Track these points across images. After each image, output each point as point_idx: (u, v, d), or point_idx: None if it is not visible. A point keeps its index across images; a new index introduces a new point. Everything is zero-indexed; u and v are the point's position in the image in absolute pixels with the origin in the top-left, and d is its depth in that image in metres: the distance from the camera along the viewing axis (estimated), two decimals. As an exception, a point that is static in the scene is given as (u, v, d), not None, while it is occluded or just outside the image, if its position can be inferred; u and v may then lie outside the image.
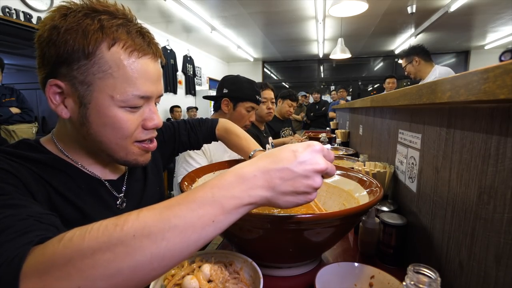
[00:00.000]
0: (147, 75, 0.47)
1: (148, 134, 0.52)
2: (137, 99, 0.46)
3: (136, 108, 0.48)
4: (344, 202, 0.69)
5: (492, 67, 0.30)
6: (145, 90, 0.47)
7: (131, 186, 0.61)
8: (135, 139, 0.50)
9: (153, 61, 0.49)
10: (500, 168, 0.36)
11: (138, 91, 0.46)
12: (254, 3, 3.58)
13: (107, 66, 0.43)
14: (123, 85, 0.44)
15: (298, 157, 0.34)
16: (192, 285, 0.41)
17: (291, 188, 0.34)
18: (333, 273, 0.52)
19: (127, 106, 0.46)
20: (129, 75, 0.45)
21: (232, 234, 0.53)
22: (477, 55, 6.42)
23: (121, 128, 0.47)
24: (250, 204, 0.34)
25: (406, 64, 2.31)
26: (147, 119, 0.50)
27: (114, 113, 0.46)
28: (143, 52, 0.46)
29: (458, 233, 0.46)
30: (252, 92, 1.28)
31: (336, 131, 2.42)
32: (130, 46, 0.45)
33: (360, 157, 1.13)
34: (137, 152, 0.52)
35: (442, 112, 0.52)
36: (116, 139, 0.48)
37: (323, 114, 4.93)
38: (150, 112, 0.50)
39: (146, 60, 0.47)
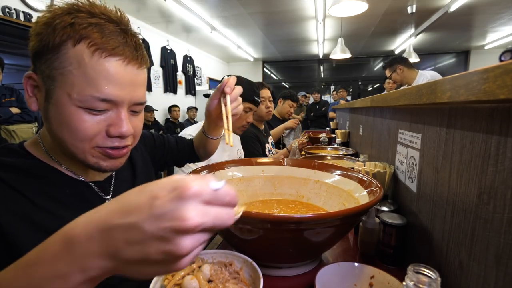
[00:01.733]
0: (112, 78, 0.43)
1: (113, 141, 0.47)
2: (97, 101, 0.43)
3: (97, 111, 0.44)
4: (344, 202, 0.69)
5: (492, 67, 0.30)
6: (108, 93, 0.43)
7: (118, 187, 0.59)
8: (95, 145, 0.46)
9: (125, 64, 0.45)
10: (500, 168, 0.36)
11: (98, 93, 0.43)
12: (254, 3, 3.58)
13: (68, 62, 0.42)
14: (82, 84, 0.42)
15: (154, 207, 0.23)
16: (192, 285, 0.41)
17: (140, 255, 0.23)
18: (333, 273, 0.52)
19: (85, 107, 0.43)
20: (88, 75, 0.42)
21: (232, 234, 0.53)
22: (477, 55, 6.42)
23: (76, 130, 0.44)
24: (87, 281, 0.25)
25: (390, 74, 2.48)
26: (112, 125, 0.46)
27: (70, 112, 0.43)
28: (110, 53, 0.43)
29: (458, 233, 0.46)
30: (251, 93, 1.28)
31: (336, 131, 2.42)
32: (96, 44, 0.42)
33: (360, 157, 1.13)
34: (98, 155, 0.48)
35: (442, 112, 0.52)
36: (71, 140, 0.45)
37: (323, 114, 4.93)
38: (117, 118, 0.46)
39: (113, 62, 0.43)
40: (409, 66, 2.41)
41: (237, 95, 0.65)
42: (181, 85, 5.45)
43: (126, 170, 0.64)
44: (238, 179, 0.81)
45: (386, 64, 2.53)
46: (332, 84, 7.77)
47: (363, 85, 7.70)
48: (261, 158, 0.89)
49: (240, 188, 0.80)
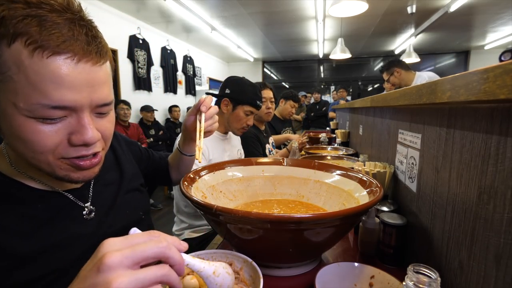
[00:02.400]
0: (61, 80, 0.36)
1: (78, 151, 0.42)
2: (49, 109, 0.37)
3: (52, 120, 0.38)
4: (344, 202, 0.69)
5: (492, 67, 0.30)
6: (59, 99, 0.37)
7: (100, 191, 0.55)
8: (59, 156, 0.41)
9: (74, 62, 0.37)
10: (500, 168, 0.36)
11: (47, 100, 0.36)
12: (254, 3, 3.58)
13: (5, 67, 0.35)
14: (26, 91, 0.35)
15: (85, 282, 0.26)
16: (192, 285, 0.41)
17: None
18: (333, 273, 0.52)
19: (36, 117, 0.37)
20: (31, 79, 0.35)
21: (232, 234, 0.53)
22: (477, 55, 6.42)
23: (30, 142, 0.38)
24: None
25: (388, 77, 2.49)
26: (73, 133, 0.40)
27: (20, 124, 0.37)
28: (54, 51, 0.35)
29: (458, 233, 0.46)
30: (254, 96, 1.28)
31: (336, 131, 2.42)
32: (34, 42, 0.34)
33: (360, 157, 1.13)
34: (66, 168, 0.43)
35: (442, 112, 0.52)
36: (30, 153, 0.39)
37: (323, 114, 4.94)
38: (78, 125, 0.40)
39: (60, 61, 0.36)
40: (406, 68, 2.42)
41: (213, 114, 0.66)
42: (181, 85, 5.45)
43: (110, 172, 0.61)
44: (238, 179, 0.81)
45: (383, 67, 2.55)
46: (332, 84, 7.77)
47: (363, 85, 7.70)
48: (261, 158, 0.89)
49: (240, 188, 0.80)
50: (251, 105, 1.28)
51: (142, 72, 4.19)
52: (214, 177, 0.75)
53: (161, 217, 3.18)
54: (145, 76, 4.25)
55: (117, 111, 3.33)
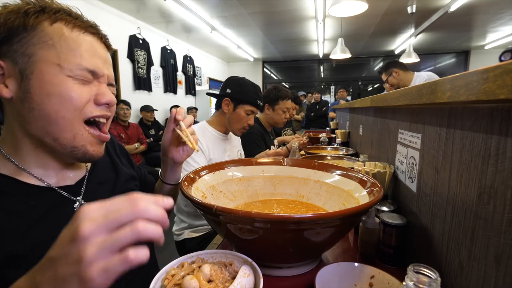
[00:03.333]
0: (94, 51, 0.48)
1: (101, 110, 0.50)
2: (85, 71, 0.47)
3: (85, 81, 0.47)
4: (344, 202, 0.69)
5: (492, 67, 0.30)
6: (94, 63, 0.47)
7: (92, 189, 0.56)
8: (85, 116, 0.48)
9: (99, 42, 0.50)
10: (500, 168, 0.36)
11: (86, 63, 0.46)
12: (254, 3, 3.58)
13: (48, 37, 0.44)
14: (68, 56, 0.45)
15: (56, 253, 0.28)
16: (192, 285, 0.41)
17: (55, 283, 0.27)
18: (333, 273, 0.52)
19: (74, 76, 0.46)
20: (72, 47, 0.45)
21: (232, 234, 0.53)
22: (477, 55, 6.42)
23: (68, 97, 0.45)
24: None
25: (387, 77, 2.49)
26: (99, 95, 0.49)
27: (60, 81, 0.45)
28: (86, 30, 0.48)
29: (458, 233, 0.46)
30: (255, 96, 1.28)
31: (336, 131, 2.42)
32: (71, 23, 0.46)
33: (360, 157, 1.13)
34: (86, 137, 0.49)
35: (442, 112, 0.52)
36: (63, 110, 0.45)
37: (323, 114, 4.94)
38: (101, 89, 0.50)
39: (90, 37, 0.49)
40: (405, 68, 2.42)
41: (190, 122, 0.63)
42: (181, 85, 5.44)
43: (105, 171, 0.62)
44: (238, 179, 0.81)
45: (382, 68, 2.55)
46: (332, 84, 7.77)
47: (363, 85, 7.70)
48: (261, 158, 0.89)
49: (240, 188, 0.80)
50: (252, 105, 1.27)
51: (142, 72, 4.19)
52: (214, 177, 0.75)
53: (161, 217, 3.17)
54: (145, 76, 4.25)
55: (117, 111, 3.33)
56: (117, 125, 3.34)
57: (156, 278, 0.43)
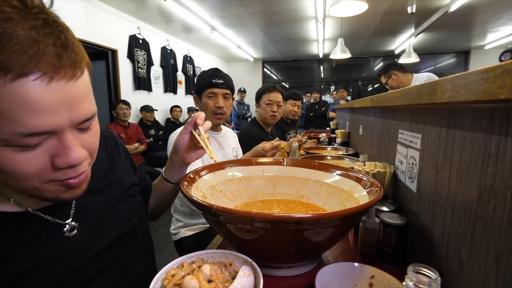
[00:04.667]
0: (32, 106, 0.31)
1: (66, 173, 0.38)
2: (24, 137, 0.32)
3: (30, 146, 0.34)
4: (344, 202, 0.69)
5: (492, 67, 0.30)
6: (35, 125, 0.32)
7: (83, 204, 0.51)
8: (46, 180, 0.38)
9: (46, 82, 0.32)
10: (500, 168, 0.36)
11: (21, 128, 0.31)
12: (254, 3, 3.58)
13: None
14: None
15: None
16: (192, 285, 0.41)
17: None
18: (333, 273, 0.52)
19: (12, 144, 0.33)
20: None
21: (232, 234, 0.53)
22: (477, 55, 6.42)
23: (13, 172, 0.34)
24: None
25: (386, 80, 2.50)
26: (57, 156, 0.36)
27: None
28: (19, 72, 0.30)
29: (458, 233, 0.46)
30: (207, 78, 1.23)
31: (336, 131, 2.42)
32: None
33: (360, 157, 1.13)
34: (55, 189, 0.40)
35: (442, 112, 0.52)
36: (12, 181, 0.36)
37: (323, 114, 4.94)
38: (60, 147, 0.36)
39: (28, 84, 0.30)
40: (404, 70, 2.42)
41: (208, 127, 0.64)
42: (181, 85, 5.44)
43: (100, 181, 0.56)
44: (238, 179, 0.81)
45: (381, 71, 2.55)
46: (332, 84, 7.77)
47: (363, 85, 7.70)
48: (261, 158, 0.89)
49: (240, 188, 0.80)
50: (208, 86, 1.22)
51: (142, 72, 4.19)
52: (214, 177, 0.75)
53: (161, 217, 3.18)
54: (145, 76, 4.25)
55: (117, 111, 3.33)
56: (117, 125, 3.34)
57: (156, 278, 0.44)
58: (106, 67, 3.72)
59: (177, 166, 0.69)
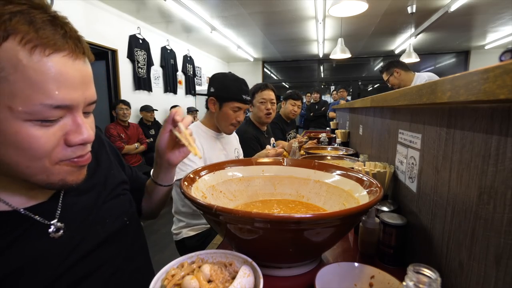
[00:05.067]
0: (63, 78, 0.36)
1: (75, 151, 0.41)
2: (51, 109, 0.36)
3: (51, 122, 0.37)
4: (344, 202, 0.69)
5: (492, 67, 0.30)
6: (62, 97, 0.36)
7: (70, 204, 0.50)
8: (56, 159, 0.39)
9: (72, 60, 0.37)
10: (500, 168, 0.36)
11: (51, 100, 0.35)
12: (254, 3, 3.58)
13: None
14: (26, 92, 0.34)
15: None
16: (192, 285, 0.41)
17: None
18: (333, 273, 0.52)
19: (36, 119, 0.35)
20: (33, 79, 0.34)
21: (232, 234, 0.53)
22: (477, 55, 6.42)
23: (29, 149, 0.36)
24: None
25: (388, 77, 2.48)
26: (71, 133, 0.39)
27: (15, 130, 0.35)
28: (54, 48, 0.35)
29: (458, 233, 0.46)
30: (239, 91, 1.22)
31: (336, 131, 2.42)
32: (31, 40, 0.33)
33: (360, 157, 1.13)
34: (65, 170, 0.41)
35: (442, 112, 0.52)
36: (26, 161, 0.37)
37: (323, 114, 4.94)
38: (74, 124, 0.39)
39: (60, 58, 0.35)
40: (406, 68, 2.42)
41: (189, 123, 0.59)
42: (181, 85, 5.44)
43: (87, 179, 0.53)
44: (238, 179, 0.81)
45: (383, 68, 2.54)
46: (332, 84, 7.77)
47: (363, 85, 7.70)
48: (261, 158, 0.89)
49: (240, 188, 0.80)
50: (237, 101, 1.22)
51: (142, 72, 4.19)
52: (214, 177, 0.75)
53: (161, 217, 3.18)
54: (145, 76, 4.25)
55: (117, 111, 3.33)
56: (117, 125, 3.34)
57: (156, 278, 0.44)
58: (106, 67, 3.72)
59: (164, 168, 0.66)
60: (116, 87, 3.79)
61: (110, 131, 3.18)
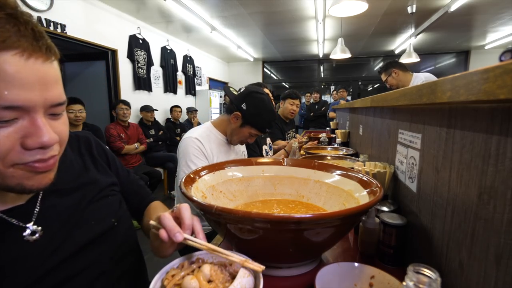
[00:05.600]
0: (11, 78, 0.34)
1: (33, 155, 0.38)
2: (0, 110, 0.34)
3: (4, 122, 0.35)
4: (344, 202, 0.69)
5: (492, 67, 0.30)
6: (12, 98, 0.34)
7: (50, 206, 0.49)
8: (12, 163, 0.37)
9: (24, 58, 0.35)
10: (500, 168, 0.36)
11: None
12: (254, 3, 3.58)
13: None
14: None
15: None
16: (192, 285, 0.41)
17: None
18: (333, 273, 0.52)
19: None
20: None
21: (232, 234, 0.53)
22: (477, 55, 6.41)
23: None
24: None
25: (386, 78, 2.49)
26: (28, 136, 0.37)
27: None
28: (3, 46, 0.33)
29: (458, 233, 0.46)
30: (267, 124, 1.22)
31: (336, 131, 2.42)
32: None
33: (360, 157, 1.13)
34: (20, 174, 0.39)
35: (442, 112, 0.52)
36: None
37: (323, 114, 4.94)
38: (32, 127, 0.37)
39: (8, 57, 0.34)
40: (404, 69, 2.42)
41: (191, 225, 0.47)
42: (181, 85, 5.44)
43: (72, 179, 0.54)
44: (238, 179, 0.81)
45: (381, 68, 2.55)
46: (332, 84, 7.77)
47: (363, 85, 7.69)
48: (261, 158, 0.89)
49: (240, 188, 0.80)
50: (260, 131, 1.23)
51: (142, 72, 4.19)
52: (214, 177, 0.75)
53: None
54: (145, 76, 4.25)
55: (117, 111, 3.33)
56: (117, 125, 3.34)
57: (156, 278, 0.43)
58: (106, 67, 3.72)
59: (162, 255, 0.53)
60: (116, 87, 3.79)
61: (110, 131, 3.18)
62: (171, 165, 3.78)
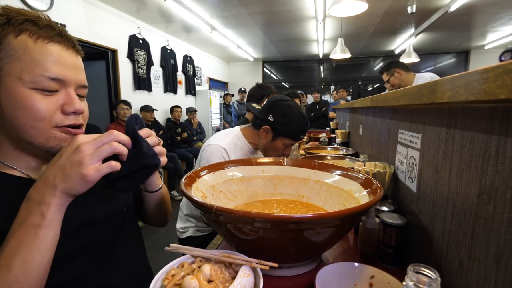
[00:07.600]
0: (57, 59, 0.49)
1: (70, 119, 0.51)
2: (48, 80, 0.48)
3: (49, 92, 0.48)
4: (344, 202, 0.69)
5: (492, 67, 0.30)
6: (56, 72, 0.48)
7: None
8: (54, 124, 0.50)
9: (65, 50, 0.51)
10: (500, 168, 0.36)
11: (47, 72, 0.47)
12: (254, 3, 3.58)
13: (13, 51, 0.46)
14: (31, 67, 0.46)
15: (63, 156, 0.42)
16: (192, 285, 0.41)
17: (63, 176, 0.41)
18: (333, 273, 0.52)
19: (38, 88, 0.47)
20: (36, 57, 0.47)
21: (232, 234, 0.53)
22: (477, 55, 6.42)
23: (32, 110, 0.47)
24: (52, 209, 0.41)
25: (388, 77, 2.46)
26: (65, 104, 0.50)
27: (24, 94, 0.46)
28: (51, 39, 0.49)
29: (458, 233, 0.46)
30: (300, 131, 1.12)
31: (336, 131, 2.42)
32: (36, 33, 0.47)
33: (360, 157, 1.13)
34: (60, 136, 0.51)
35: (442, 112, 0.52)
36: (30, 121, 0.48)
37: (323, 114, 4.94)
38: (68, 97, 0.51)
39: (56, 47, 0.49)
40: (406, 69, 2.40)
41: None
42: (181, 85, 5.44)
43: None
44: (238, 179, 0.81)
45: (383, 68, 2.51)
46: (332, 84, 7.77)
47: (363, 85, 7.69)
48: (261, 158, 0.89)
49: (240, 188, 0.80)
50: (294, 140, 1.14)
51: (142, 72, 4.19)
52: (214, 177, 0.75)
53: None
54: (145, 76, 4.25)
55: (117, 111, 3.33)
56: (117, 125, 3.34)
57: (156, 278, 0.44)
58: (106, 67, 3.72)
59: None
60: (116, 87, 3.79)
61: (110, 131, 3.18)
62: (171, 165, 3.78)
